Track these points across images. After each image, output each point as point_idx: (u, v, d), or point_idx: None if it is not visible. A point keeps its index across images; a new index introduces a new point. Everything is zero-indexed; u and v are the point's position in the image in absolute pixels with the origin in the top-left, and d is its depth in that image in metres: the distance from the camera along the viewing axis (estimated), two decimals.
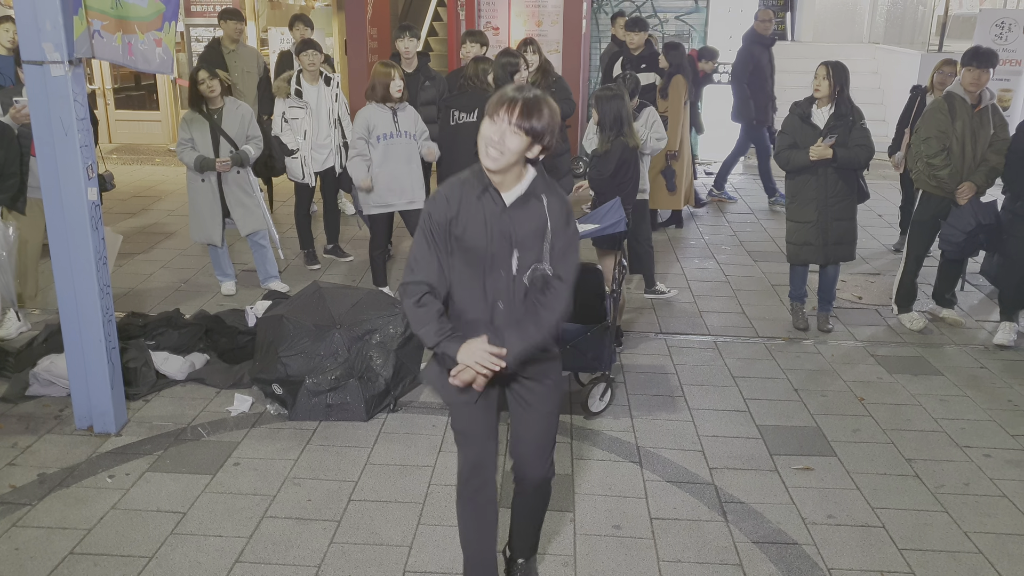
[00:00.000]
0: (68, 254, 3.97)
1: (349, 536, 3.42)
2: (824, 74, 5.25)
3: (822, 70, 5.27)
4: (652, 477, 3.91)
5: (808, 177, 5.37)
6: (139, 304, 5.95)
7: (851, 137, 5.21)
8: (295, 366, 4.43)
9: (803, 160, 5.28)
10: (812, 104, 5.36)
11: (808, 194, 5.40)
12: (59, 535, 3.40)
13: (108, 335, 4.09)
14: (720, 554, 3.36)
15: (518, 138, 2.49)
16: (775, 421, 4.46)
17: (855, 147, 5.21)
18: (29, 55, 3.71)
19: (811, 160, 5.24)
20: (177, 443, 4.14)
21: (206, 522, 3.51)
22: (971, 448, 4.22)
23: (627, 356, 5.23)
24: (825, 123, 5.28)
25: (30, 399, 4.52)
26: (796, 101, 5.47)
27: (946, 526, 3.58)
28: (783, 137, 5.44)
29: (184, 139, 5.76)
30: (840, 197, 5.38)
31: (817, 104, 5.34)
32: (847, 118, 5.24)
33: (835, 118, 5.25)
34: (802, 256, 5.57)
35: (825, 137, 5.21)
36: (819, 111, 5.33)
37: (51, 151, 3.84)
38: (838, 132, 5.20)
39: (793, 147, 5.35)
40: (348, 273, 6.76)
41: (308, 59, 6.40)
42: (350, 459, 4.02)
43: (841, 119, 5.24)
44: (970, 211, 5.30)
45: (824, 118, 5.30)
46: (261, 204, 6.04)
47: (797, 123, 5.38)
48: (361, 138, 5.61)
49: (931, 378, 5.02)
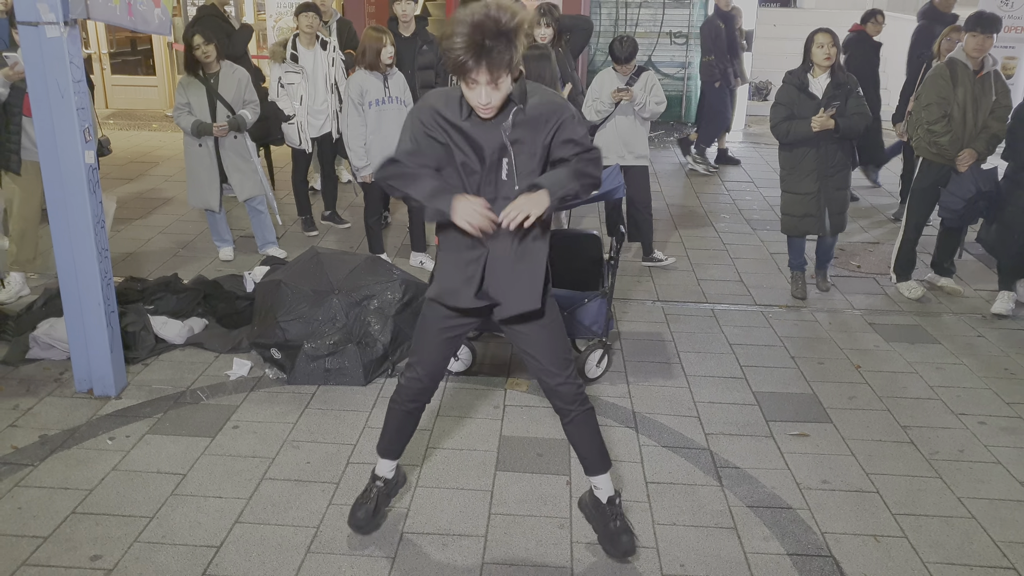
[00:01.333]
0: (66, 218, 3.96)
1: (347, 498, 3.45)
2: (831, 41, 5.19)
3: (827, 37, 5.19)
4: (648, 442, 3.93)
5: (807, 149, 5.32)
6: (137, 269, 5.95)
7: (849, 105, 5.18)
8: (293, 331, 4.44)
9: (805, 131, 5.22)
10: (807, 73, 5.30)
11: (808, 165, 5.36)
12: (61, 495, 3.43)
13: (107, 299, 4.10)
14: (715, 518, 3.40)
15: (502, 85, 2.55)
16: (771, 388, 4.49)
17: (853, 115, 5.18)
18: (24, 16, 3.67)
19: (814, 131, 5.20)
20: (176, 406, 4.16)
21: (206, 483, 3.54)
22: (966, 415, 4.25)
23: (624, 323, 5.25)
24: (824, 92, 5.23)
25: (30, 362, 4.53)
26: (790, 70, 5.40)
27: (940, 491, 3.62)
28: (779, 109, 5.35)
29: (181, 104, 5.73)
30: (839, 167, 5.37)
31: (812, 73, 5.29)
32: (845, 86, 5.21)
33: (833, 87, 5.21)
34: (802, 228, 5.55)
35: (826, 107, 5.17)
36: (815, 80, 5.27)
37: (48, 114, 3.81)
38: (839, 101, 5.16)
39: (791, 118, 5.29)
40: (346, 239, 6.75)
41: (306, 21, 6.31)
42: (348, 423, 4.05)
43: (840, 87, 5.20)
44: (970, 178, 5.28)
45: (822, 87, 5.25)
46: (259, 169, 6.02)
47: (794, 93, 5.31)
48: (356, 103, 5.57)
49: (928, 346, 5.03)
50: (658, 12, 11.40)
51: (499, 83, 2.53)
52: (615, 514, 3.14)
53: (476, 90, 2.55)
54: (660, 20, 11.40)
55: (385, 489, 3.29)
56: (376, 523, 3.27)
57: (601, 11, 11.49)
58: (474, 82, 2.53)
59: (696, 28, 11.26)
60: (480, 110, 2.62)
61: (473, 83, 2.54)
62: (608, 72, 5.83)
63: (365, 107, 5.58)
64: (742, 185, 8.60)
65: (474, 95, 2.56)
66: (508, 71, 2.52)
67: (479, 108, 2.61)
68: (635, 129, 5.85)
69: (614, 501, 3.15)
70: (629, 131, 5.84)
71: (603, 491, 3.15)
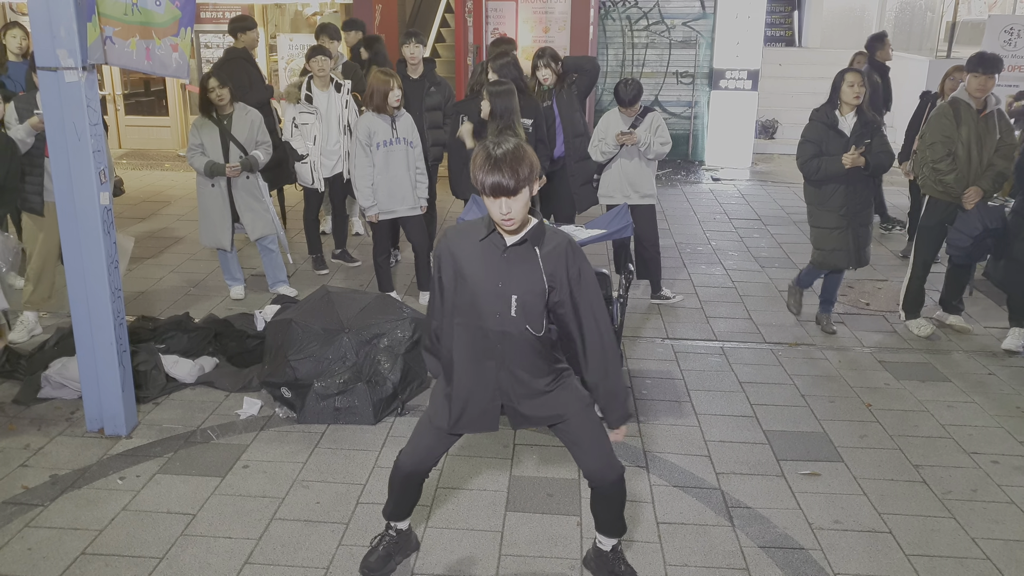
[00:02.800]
0: (80, 258, 4.00)
1: (357, 538, 3.44)
2: (860, 81, 5.27)
3: (856, 77, 5.28)
4: (659, 482, 3.92)
5: (837, 185, 5.39)
6: (149, 308, 5.99)
7: (874, 144, 5.26)
8: (304, 370, 4.46)
9: (836, 168, 5.28)
10: (835, 111, 5.37)
11: (836, 201, 5.42)
12: (71, 535, 3.43)
13: (119, 338, 4.13)
14: (727, 559, 3.37)
15: (521, 197, 2.66)
16: (782, 426, 4.47)
17: (879, 153, 5.26)
18: (43, 61, 3.76)
19: (845, 168, 5.26)
20: (187, 445, 4.17)
21: (216, 523, 3.54)
22: (979, 454, 4.22)
23: (634, 361, 5.25)
24: (852, 130, 5.30)
25: (42, 401, 4.55)
26: (816, 108, 5.47)
27: (953, 532, 3.58)
28: (808, 146, 5.40)
29: (194, 144, 5.81)
30: (865, 204, 5.47)
31: (840, 111, 5.36)
32: (872, 124, 5.28)
33: (861, 125, 5.28)
34: (832, 261, 5.58)
35: (857, 145, 5.24)
36: (843, 118, 5.35)
37: (64, 156, 3.88)
38: (868, 139, 5.24)
39: (820, 155, 5.35)
40: (356, 277, 6.79)
41: (318, 65, 6.43)
42: (358, 462, 4.04)
43: (867, 126, 5.28)
44: (977, 216, 5.31)
45: (849, 125, 5.32)
46: (270, 208, 6.08)
47: (823, 130, 5.37)
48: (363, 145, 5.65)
49: (939, 384, 5.01)
50: (664, 53, 11.54)
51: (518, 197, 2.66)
52: (618, 558, 3.17)
53: (498, 201, 2.65)
54: (667, 60, 11.54)
55: (396, 539, 3.25)
56: (387, 571, 3.23)
57: (608, 52, 11.64)
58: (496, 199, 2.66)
59: (702, 68, 11.41)
60: (503, 224, 2.70)
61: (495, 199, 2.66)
62: (613, 113, 5.89)
63: (372, 148, 5.66)
64: (750, 223, 8.63)
65: (495, 206, 2.67)
66: (528, 187, 2.67)
67: (502, 221, 2.69)
68: (640, 170, 5.90)
69: (616, 548, 3.17)
70: (634, 172, 5.89)
71: (606, 543, 3.18)
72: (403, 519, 3.22)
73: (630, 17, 11.47)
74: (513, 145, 2.66)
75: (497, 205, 2.66)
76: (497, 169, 2.61)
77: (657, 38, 11.51)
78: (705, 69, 11.44)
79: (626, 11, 11.46)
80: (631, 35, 11.56)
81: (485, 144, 2.70)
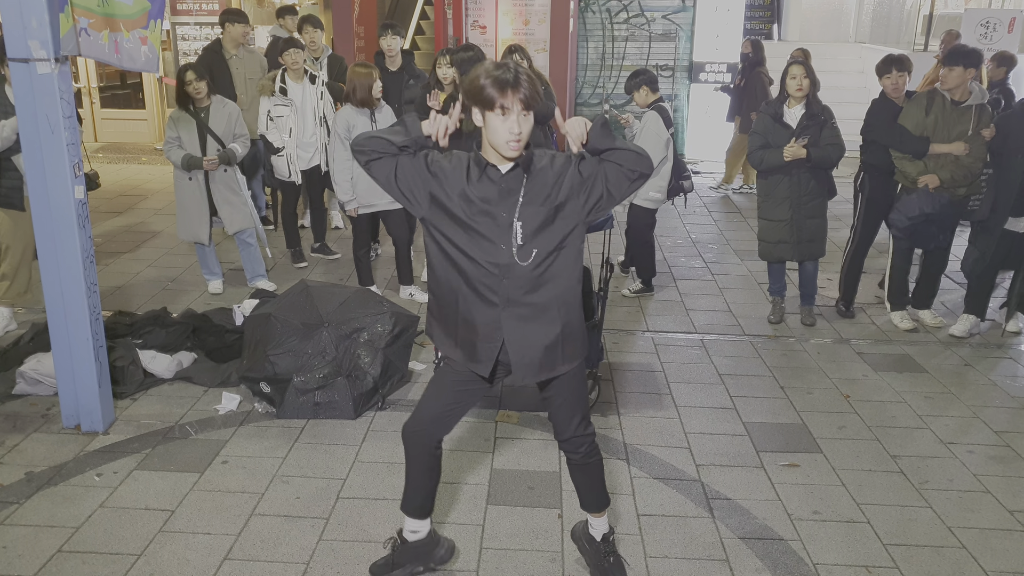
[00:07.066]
0: (55, 252, 3.95)
1: (338, 533, 3.43)
2: (803, 73, 5.33)
3: (799, 70, 5.36)
4: (639, 474, 3.93)
5: (781, 177, 5.46)
6: (126, 303, 5.93)
7: (823, 136, 5.30)
8: (283, 364, 4.43)
9: (777, 160, 5.36)
10: (783, 104, 5.43)
11: (781, 193, 5.48)
12: (47, 533, 3.39)
13: (95, 333, 4.08)
14: (707, 550, 3.39)
15: (529, 118, 2.55)
16: (761, 418, 4.49)
17: (827, 146, 5.31)
18: (15, 53, 3.70)
19: (785, 160, 5.30)
20: (165, 441, 4.13)
21: (194, 520, 3.51)
22: (955, 444, 4.27)
23: (614, 354, 5.26)
24: (797, 123, 5.35)
25: (17, 398, 4.50)
26: (766, 101, 5.54)
27: (930, 521, 3.62)
28: (755, 137, 5.51)
29: (171, 138, 5.75)
30: (812, 196, 5.48)
31: (788, 104, 5.41)
32: (819, 117, 5.32)
33: (807, 117, 5.35)
34: (776, 253, 5.66)
35: (798, 137, 5.28)
36: (790, 111, 5.40)
37: (38, 149, 3.82)
38: (811, 132, 5.28)
39: (766, 147, 5.43)
40: (335, 272, 6.76)
41: (291, 58, 6.39)
42: (338, 457, 4.03)
43: (813, 119, 5.33)
44: (916, 200, 5.33)
45: (796, 118, 5.37)
46: (248, 202, 6.03)
47: (769, 123, 5.46)
48: (343, 138, 5.61)
49: (916, 375, 5.06)
50: (644, 46, 11.56)
51: (528, 114, 2.54)
52: (609, 551, 3.13)
53: (509, 118, 2.51)
54: (647, 53, 11.56)
55: (405, 547, 3.14)
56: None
57: (588, 45, 11.64)
58: (507, 110, 2.51)
59: (682, 61, 11.43)
60: (509, 144, 2.54)
61: (506, 111, 2.51)
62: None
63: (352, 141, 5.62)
64: (729, 216, 8.67)
65: (506, 125, 2.52)
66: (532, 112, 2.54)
67: (510, 141, 2.54)
68: None
69: (608, 538, 3.14)
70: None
71: (598, 529, 3.15)
72: (417, 513, 3.11)
73: (610, 10, 11.48)
74: (521, 69, 2.53)
75: (507, 125, 2.50)
76: (513, 75, 2.47)
77: (637, 31, 11.53)
78: (685, 62, 11.47)
79: (606, 4, 11.46)
80: (611, 28, 11.56)
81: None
